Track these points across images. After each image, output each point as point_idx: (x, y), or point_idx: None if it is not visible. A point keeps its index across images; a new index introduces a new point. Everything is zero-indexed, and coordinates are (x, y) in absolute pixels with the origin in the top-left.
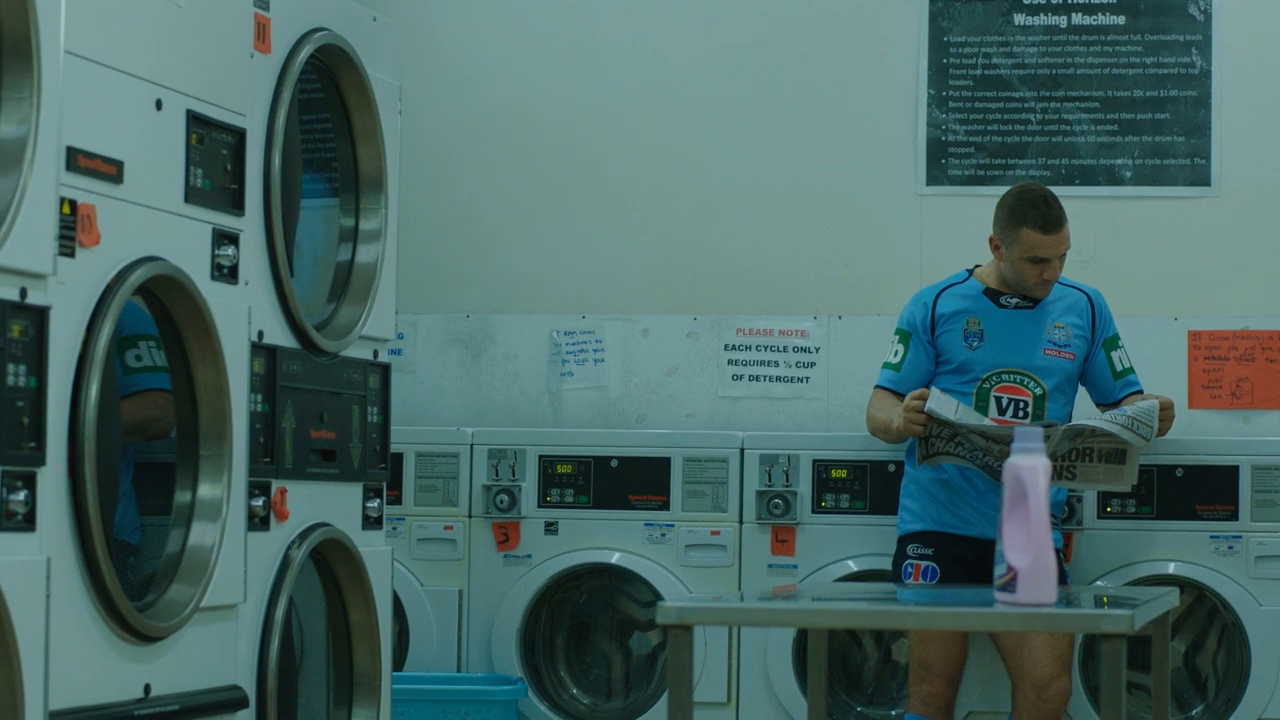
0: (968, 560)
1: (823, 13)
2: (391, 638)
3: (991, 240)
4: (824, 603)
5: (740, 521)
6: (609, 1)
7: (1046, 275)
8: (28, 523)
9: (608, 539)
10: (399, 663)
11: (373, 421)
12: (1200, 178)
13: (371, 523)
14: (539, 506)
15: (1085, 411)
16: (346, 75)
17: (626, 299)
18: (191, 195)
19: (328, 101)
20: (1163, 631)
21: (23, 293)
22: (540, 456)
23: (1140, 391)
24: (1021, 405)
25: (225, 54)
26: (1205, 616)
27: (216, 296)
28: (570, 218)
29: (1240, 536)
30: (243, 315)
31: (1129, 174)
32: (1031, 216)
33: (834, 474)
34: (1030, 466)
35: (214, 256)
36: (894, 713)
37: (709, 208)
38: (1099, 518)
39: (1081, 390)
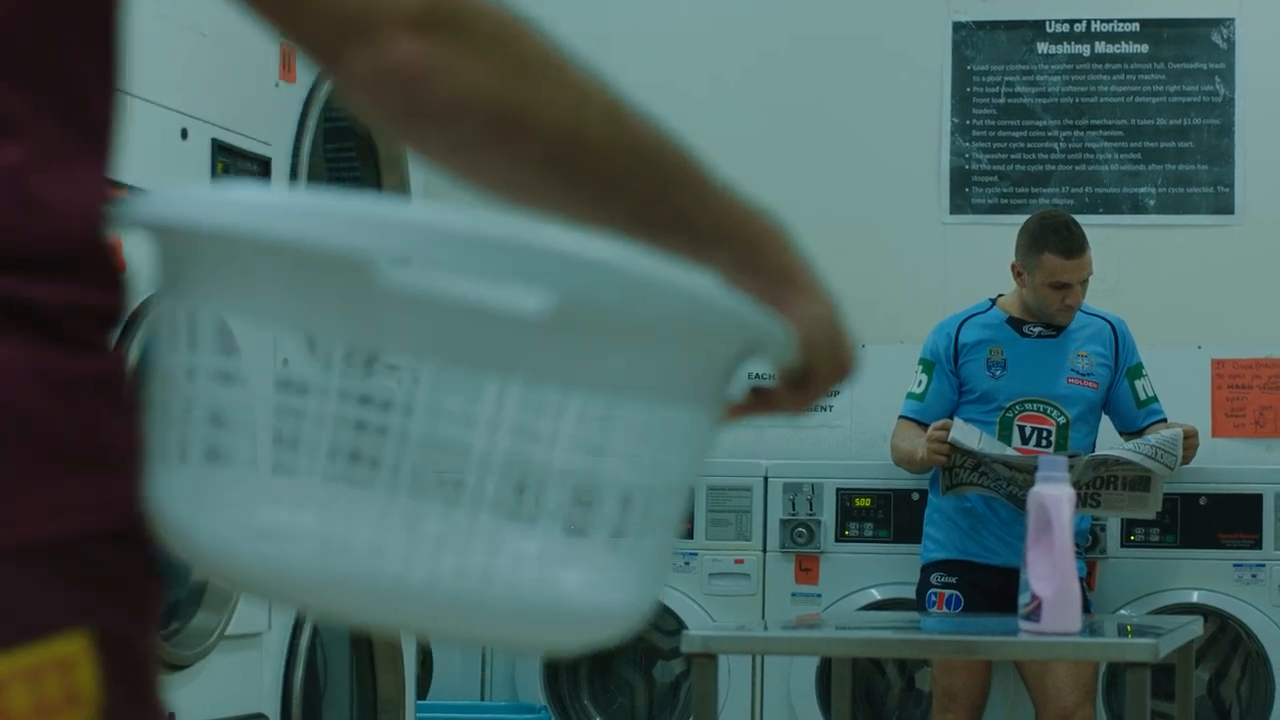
0: (991, 589)
1: (846, 40)
2: (415, 665)
3: (1014, 267)
4: (848, 632)
5: (764, 550)
6: (629, 28)
7: (1069, 301)
8: None
9: None
10: (423, 690)
11: None
12: (1224, 206)
13: None
14: None
15: (1109, 439)
16: None
17: None
18: None
19: (352, 130)
20: (1186, 660)
21: None
22: None
23: (1164, 420)
24: (1045, 434)
25: (250, 83)
26: (1229, 645)
27: None
28: None
29: (1264, 565)
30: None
31: (1152, 202)
32: (1053, 242)
33: (858, 503)
34: (1055, 495)
35: None
36: None
37: None
38: (1122, 546)
39: (1105, 418)
